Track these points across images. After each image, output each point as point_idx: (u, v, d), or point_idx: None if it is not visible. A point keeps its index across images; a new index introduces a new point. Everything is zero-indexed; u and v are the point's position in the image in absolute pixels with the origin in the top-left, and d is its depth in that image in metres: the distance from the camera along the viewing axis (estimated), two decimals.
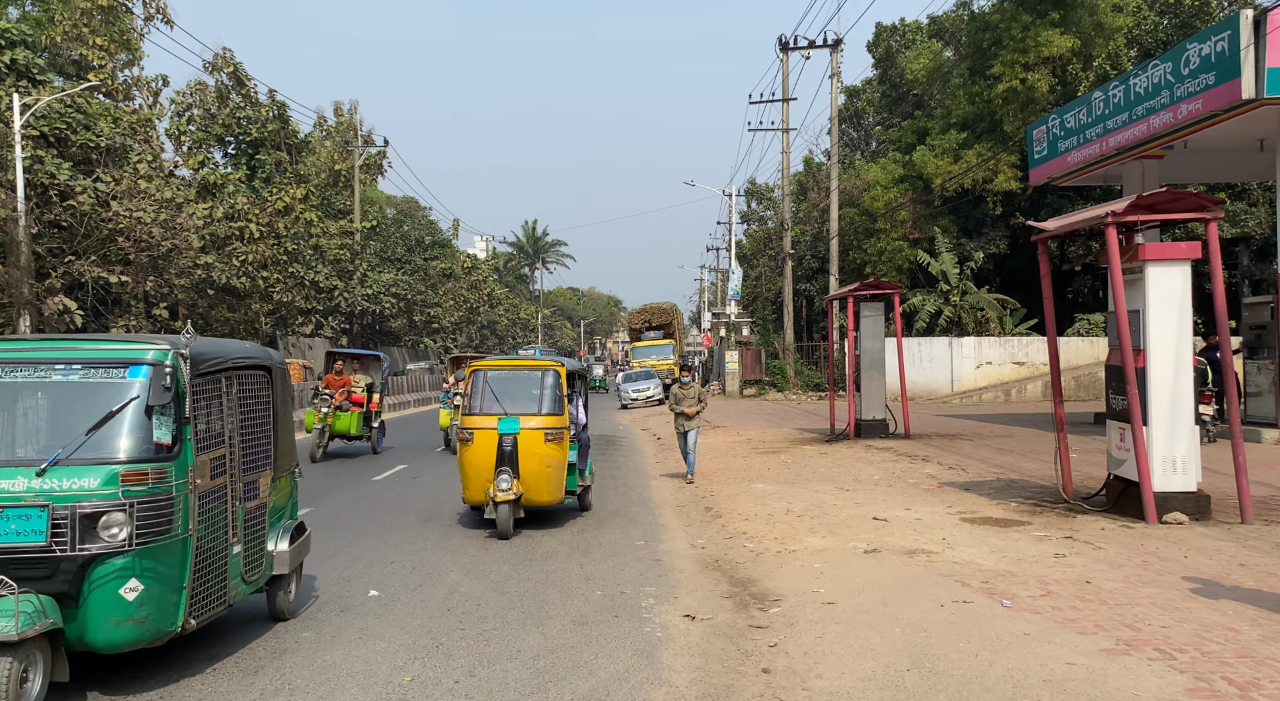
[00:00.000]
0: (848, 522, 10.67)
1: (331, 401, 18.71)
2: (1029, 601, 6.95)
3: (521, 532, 10.76)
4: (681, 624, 7.03)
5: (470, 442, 10.78)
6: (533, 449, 10.61)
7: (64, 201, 30.50)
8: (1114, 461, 10.77)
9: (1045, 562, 8.26)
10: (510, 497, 10.29)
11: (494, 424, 10.65)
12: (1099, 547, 8.79)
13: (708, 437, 22.50)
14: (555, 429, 10.83)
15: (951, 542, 9.31)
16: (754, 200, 66.40)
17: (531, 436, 10.63)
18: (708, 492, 13.81)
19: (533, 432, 10.65)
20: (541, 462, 10.66)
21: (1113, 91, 19.32)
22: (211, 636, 6.72)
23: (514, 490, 10.34)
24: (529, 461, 10.58)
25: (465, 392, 11.22)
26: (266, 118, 52.37)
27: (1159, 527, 9.62)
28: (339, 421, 18.87)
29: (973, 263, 39.14)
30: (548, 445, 10.71)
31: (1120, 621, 6.38)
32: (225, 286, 37.97)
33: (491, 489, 10.39)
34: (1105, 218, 9.90)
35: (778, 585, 8.02)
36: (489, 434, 10.65)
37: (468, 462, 10.82)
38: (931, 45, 43.33)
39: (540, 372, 11.28)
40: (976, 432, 21.41)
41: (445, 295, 63.08)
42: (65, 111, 31.53)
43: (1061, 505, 11.21)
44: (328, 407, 18.63)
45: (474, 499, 10.93)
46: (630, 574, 8.76)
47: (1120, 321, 9.99)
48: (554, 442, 10.78)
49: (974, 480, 13.89)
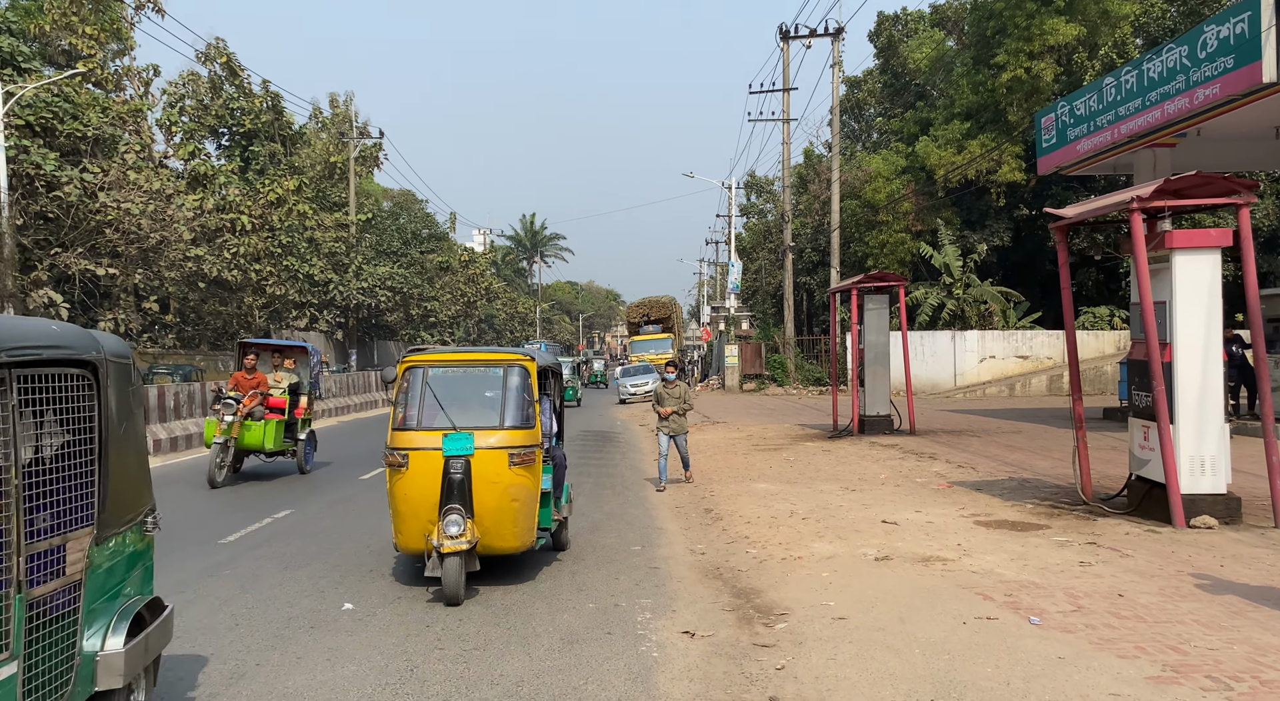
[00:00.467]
0: (855, 526, 10.10)
1: (239, 407, 14.48)
2: (1059, 618, 6.37)
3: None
4: (680, 642, 6.46)
5: (403, 470, 7.82)
6: (493, 476, 7.76)
7: (50, 192, 29.90)
8: (1136, 461, 10.20)
9: (1071, 572, 7.69)
10: (462, 547, 7.43)
11: (438, 442, 7.74)
12: (1126, 555, 8.22)
13: (707, 434, 21.93)
14: (524, 448, 7.94)
15: (967, 549, 8.73)
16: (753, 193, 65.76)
17: (491, 459, 7.78)
18: (707, 493, 13.23)
19: (493, 454, 7.79)
20: (505, 495, 7.79)
21: (1125, 77, 18.72)
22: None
23: (467, 535, 7.49)
24: (488, 494, 7.74)
25: (395, 398, 8.24)
26: (260, 109, 51.72)
27: (1188, 532, 9.05)
28: (248, 433, 14.68)
29: (976, 255, 38.56)
30: (514, 471, 7.84)
31: (1163, 642, 5.80)
32: (216, 279, 37.37)
33: (435, 535, 7.51)
34: (1130, 203, 9.31)
35: (783, 596, 7.45)
36: (430, 457, 7.74)
37: (401, 497, 7.86)
38: (934, 34, 42.68)
39: (502, 369, 8.28)
40: (983, 428, 20.85)
41: (442, 289, 62.49)
42: (52, 101, 30.90)
43: (1080, 507, 10.64)
44: (233, 416, 14.40)
45: (410, 546, 7.98)
46: (625, 583, 8.18)
47: (1146, 313, 9.41)
48: (522, 467, 7.91)
49: (985, 479, 13.32)
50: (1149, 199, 9.29)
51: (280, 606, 7.46)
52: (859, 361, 20.37)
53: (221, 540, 10.17)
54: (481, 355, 8.53)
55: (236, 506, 12.56)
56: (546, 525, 8.66)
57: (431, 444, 7.79)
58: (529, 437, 8.06)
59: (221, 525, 11.05)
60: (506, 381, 8.21)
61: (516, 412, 8.09)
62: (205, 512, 12.09)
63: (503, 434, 7.94)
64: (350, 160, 54.70)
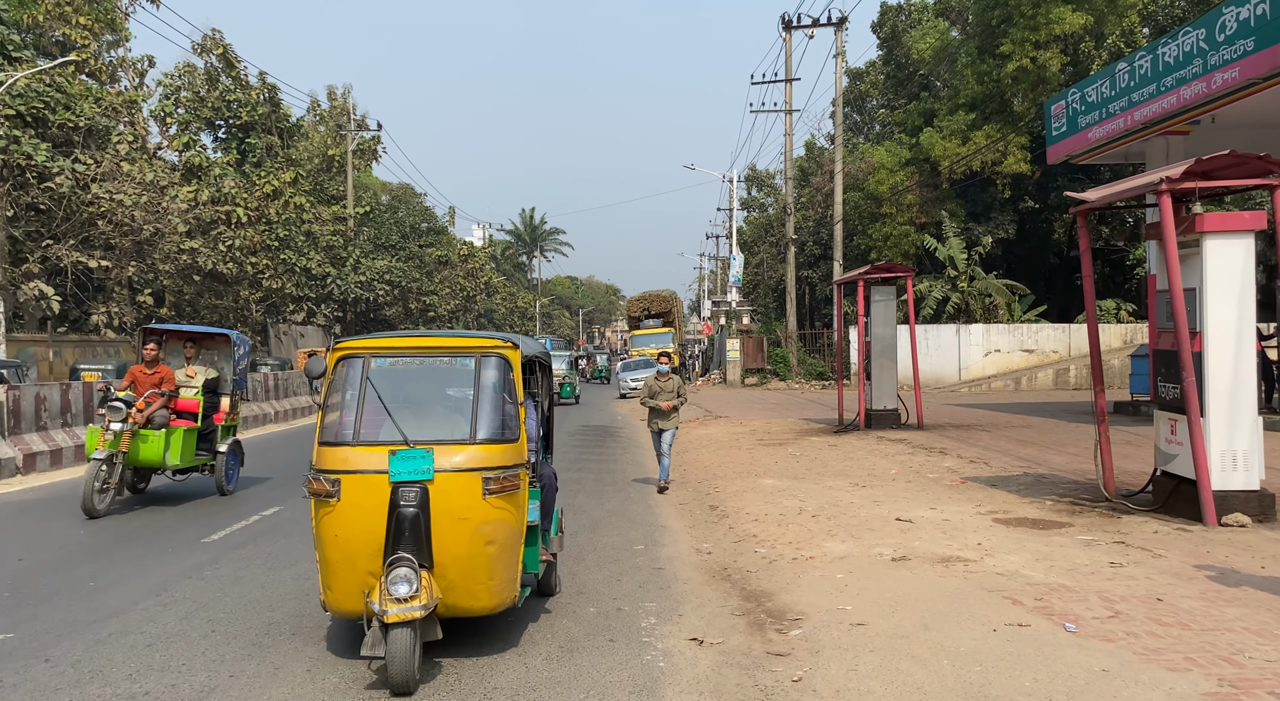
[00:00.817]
0: (868, 524, 9.65)
1: (129, 411, 11.15)
2: (1096, 625, 5.91)
3: None
4: (688, 650, 6.00)
5: (334, 501, 5.63)
6: (461, 510, 5.61)
7: (42, 184, 29.39)
8: (1163, 456, 9.74)
9: (1102, 574, 7.23)
10: (414, 614, 5.29)
11: (382, 463, 5.60)
12: (1158, 555, 7.76)
13: (710, 428, 21.50)
14: (504, 470, 5.76)
15: (989, 548, 8.28)
16: (754, 187, 65.35)
17: (458, 486, 5.62)
18: (712, 489, 12.78)
19: (460, 479, 5.63)
20: (477, 537, 5.64)
21: (1139, 62, 18.26)
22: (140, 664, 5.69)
23: (422, 598, 5.35)
24: (454, 536, 5.58)
25: (324, 399, 6.09)
26: (257, 101, 51.26)
27: (1220, 531, 8.60)
28: (144, 446, 11.41)
29: (981, 248, 38.13)
30: (490, 502, 5.67)
31: (1214, 652, 5.34)
32: (212, 272, 36.87)
33: (377, 595, 5.37)
34: (1159, 184, 8.84)
35: (796, 600, 7.00)
36: (371, 484, 5.59)
37: (330, 540, 5.68)
38: (938, 24, 42.17)
39: (474, 360, 6.13)
40: (992, 422, 20.39)
41: (441, 283, 61.94)
42: (44, 91, 30.39)
43: (1103, 503, 10.18)
44: (122, 423, 11.08)
45: (342, 607, 5.80)
46: (628, 585, 7.73)
47: (1175, 300, 8.94)
48: (502, 496, 5.73)
49: (999, 475, 12.86)
50: (1179, 180, 8.82)
51: (261, 610, 7.00)
52: (865, 354, 19.92)
53: (204, 539, 9.72)
54: (445, 340, 6.36)
55: (222, 504, 12.10)
56: (533, 569, 6.46)
57: (373, 465, 5.62)
58: (511, 454, 5.87)
59: (205, 524, 10.59)
60: (480, 376, 6.04)
61: (494, 419, 5.94)
62: (188, 510, 11.64)
63: (474, 450, 5.76)
64: (348, 153, 54.19)
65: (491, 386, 6.06)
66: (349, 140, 54.70)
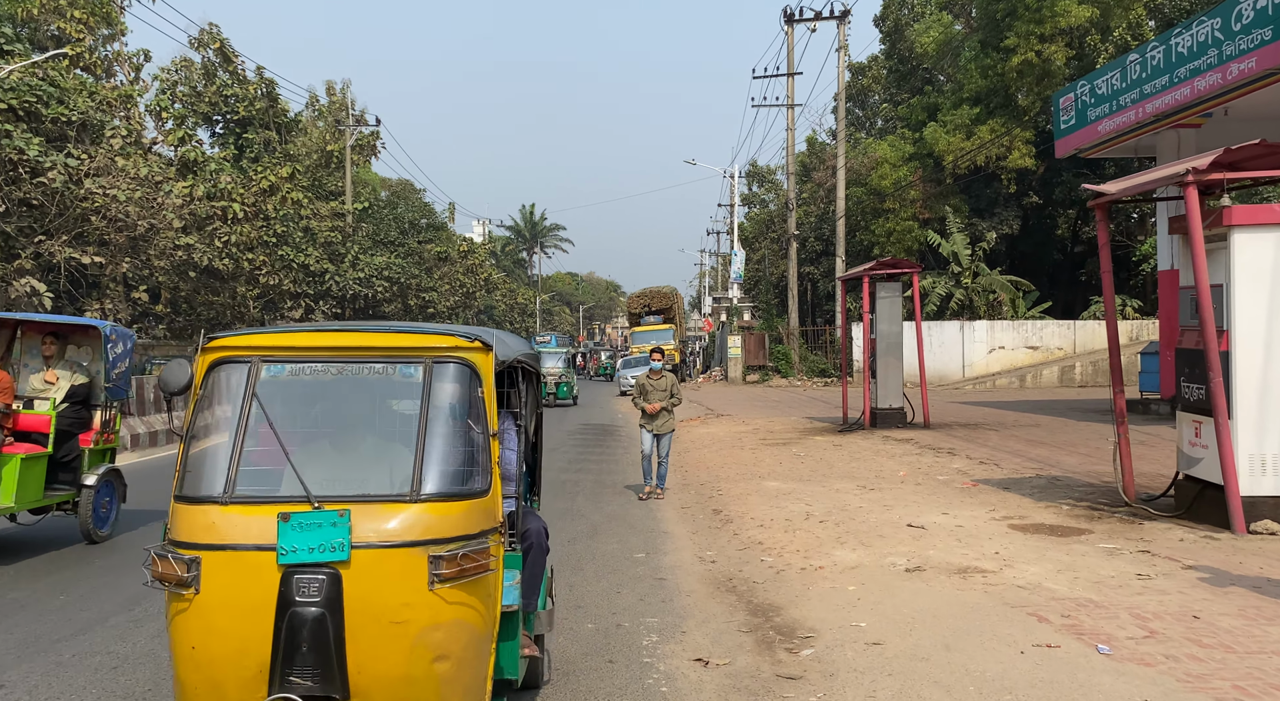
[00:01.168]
0: (879, 530, 9.25)
1: None
2: (1131, 646, 5.51)
3: None
4: (692, 672, 5.61)
5: (192, 595, 3.65)
6: (393, 610, 3.66)
7: (34, 178, 28.97)
8: (1186, 459, 9.34)
9: (1130, 587, 6.83)
10: None
11: (267, 533, 3.64)
12: (1188, 566, 7.36)
13: (711, 427, 21.08)
14: (464, 543, 3.79)
15: (1007, 558, 7.88)
16: (755, 183, 64.86)
17: (388, 571, 3.68)
18: (715, 492, 12.39)
19: (392, 560, 3.68)
20: (417, 651, 3.68)
21: (1151, 53, 17.84)
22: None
23: None
24: (380, 650, 3.64)
25: (187, 427, 3.97)
26: (254, 96, 50.84)
27: (1250, 539, 8.20)
28: None
29: (985, 243, 37.68)
30: (439, 595, 3.70)
31: (1265, 680, 4.94)
32: (208, 268, 36.46)
33: None
34: (1185, 175, 8.43)
35: (807, 615, 6.60)
36: (250, 566, 3.64)
37: (185, 657, 3.70)
38: (942, 18, 41.68)
39: (420, 367, 4.07)
40: (1000, 421, 19.99)
41: (441, 279, 61.50)
42: (37, 84, 29.97)
43: (1122, 508, 9.79)
44: None
45: None
46: (628, 598, 7.34)
47: (1202, 296, 8.53)
48: (460, 586, 3.75)
49: (1011, 477, 12.46)
50: (1206, 171, 8.41)
51: None
52: (870, 352, 19.52)
53: None
54: (378, 338, 4.15)
55: None
56: (510, 673, 4.35)
57: (253, 536, 3.64)
58: (475, 516, 3.85)
59: None
60: (431, 393, 3.97)
61: (450, 462, 3.92)
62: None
63: (417, 512, 3.74)
64: (347, 148, 53.79)
65: (448, 409, 3.95)
66: (348, 135, 54.29)
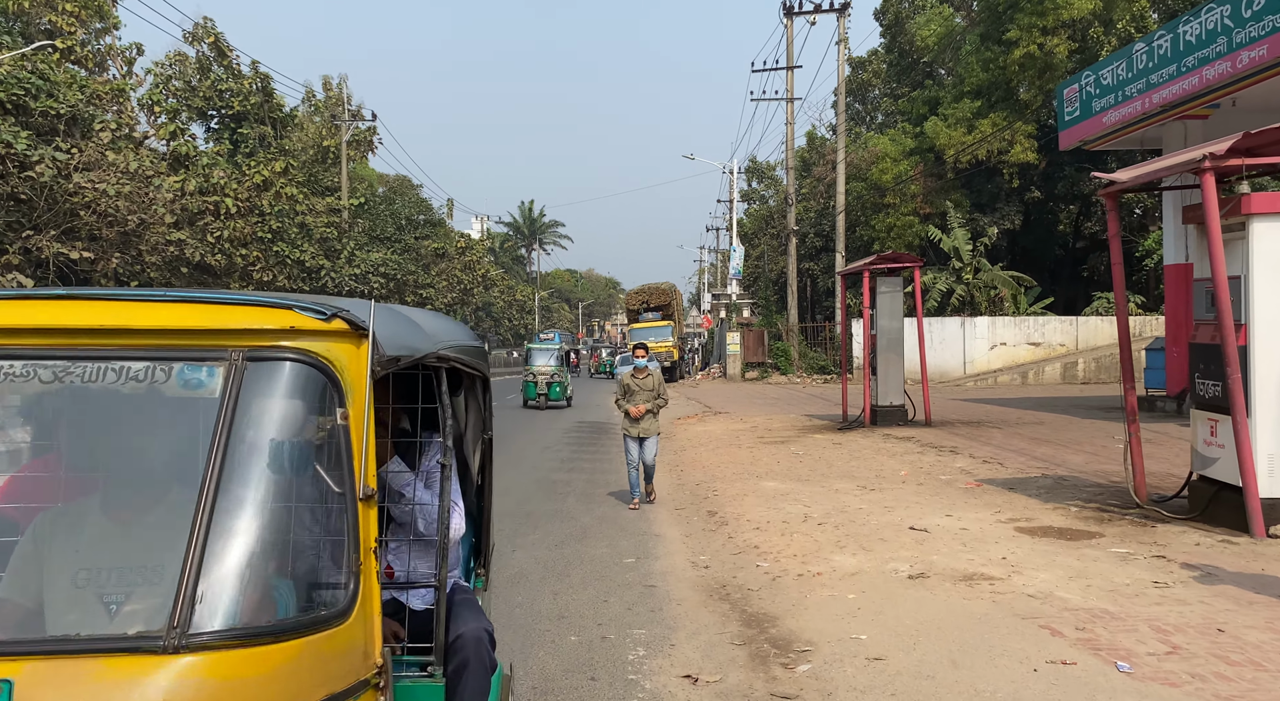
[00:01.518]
0: (880, 533, 8.85)
1: None
2: (1153, 663, 5.11)
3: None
4: (680, 690, 5.21)
5: None
6: None
7: (22, 172, 28.56)
8: (1200, 459, 8.94)
9: (1147, 596, 6.44)
10: None
11: None
12: (1208, 573, 6.97)
13: (709, 425, 20.69)
14: None
15: (1015, 564, 7.48)
16: (755, 179, 64.37)
17: None
18: (710, 492, 11.99)
19: None
20: None
21: (1158, 41, 17.43)
22: None
23: None
24: None
25: None
26: (249, 91, 50.42)
27: (1270, 544, 7.80)
28: None
29: (986, 239, 37.24)
30: None
31: None
32: (200, 264, 36.05)
33: None
34: (1202, 161, 8.03)
35: (804, 626, 6.21)
36: None
37: None
38: (943, 10, 41.24)
39: (210, 371, 2.14)
40: (1002, 419, 19.58)
41: (438, 276, 61.06)
42: (26, 77, 29.58)
43: (1134, 510, 9.39)
44: None
45: None
46: (616, 606, 6.94)
47: (1219, 288, 8.13)
48: None
49: (1016, 476, 12.06)
50: (1224, 156, 8.00)
51: None
52: (870, 348, 19.11)
53: None
54: (137, 311, 2.27)
55: None
56: None
57: None
58: (318, 667, 2.10)
59: None
60: (230, 421, 2.14)
61: (259, 561, 2.14)
62: None
63: (177, 676, 1.89)
64: (343, 144, 53.34)
65: (268, 450, 2.22)
66: (344, 130, 53.84)
